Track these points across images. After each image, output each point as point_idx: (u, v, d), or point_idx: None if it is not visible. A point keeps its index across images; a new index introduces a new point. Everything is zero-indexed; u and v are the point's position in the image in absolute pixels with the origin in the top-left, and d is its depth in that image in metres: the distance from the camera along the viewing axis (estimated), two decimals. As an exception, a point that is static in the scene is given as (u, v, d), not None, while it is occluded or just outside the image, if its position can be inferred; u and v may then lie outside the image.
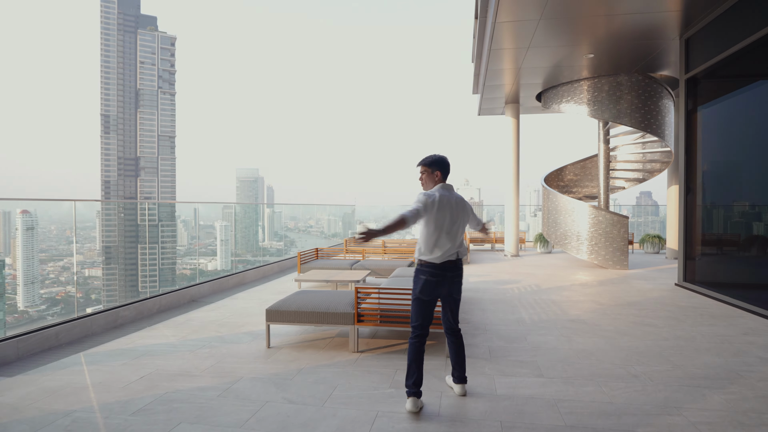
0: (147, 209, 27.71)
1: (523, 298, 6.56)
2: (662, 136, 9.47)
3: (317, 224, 22.67)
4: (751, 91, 6.23)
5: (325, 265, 7.39)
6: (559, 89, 10.30)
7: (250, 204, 42.09)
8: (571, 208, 10.05)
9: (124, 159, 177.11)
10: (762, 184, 5.98)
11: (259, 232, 14.71)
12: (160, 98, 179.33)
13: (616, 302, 6.24)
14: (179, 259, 31.60)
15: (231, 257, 15.38)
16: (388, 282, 5.16)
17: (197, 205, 11.69)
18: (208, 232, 21.34)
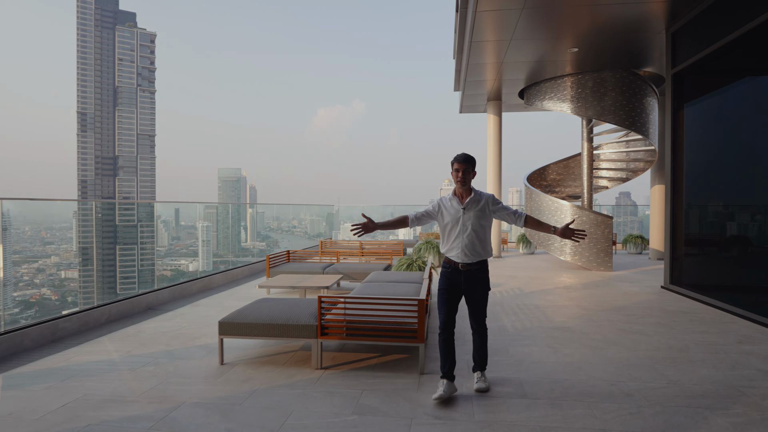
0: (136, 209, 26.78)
1: (506, 303, 6.19)
2: (646, 134, 9.24)
3: (300, 224, 22.41)
4: (738, 87, 5.97)
5: (296, 269, 6.92)
6: (542, 86, 10.01)
7: (233, 204, 41.32)
8: (555, 208, 9.76)
9: (101, 158, 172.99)
10: (749, 184, 5.73)
11: (242, 232, 14.59)
12: (139, 96, 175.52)
13: (603, 307, 5.92)
14: (159, 260, 30.96)
15: (213, 258, 14.82)
16: (358, 289, 4.73)
17: (178, 206, 11.24)
18: (190, 233, 20.96)
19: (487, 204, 3.19)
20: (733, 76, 6.02)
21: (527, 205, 10.78)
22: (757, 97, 5.57)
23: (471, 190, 3.20)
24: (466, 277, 3.18)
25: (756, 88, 5.64)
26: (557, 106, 9.73)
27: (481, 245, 3.19)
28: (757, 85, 5.65)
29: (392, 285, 5.02)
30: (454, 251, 3.19)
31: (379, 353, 4.01)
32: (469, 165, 3.15)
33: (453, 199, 3.22)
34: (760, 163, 5.50)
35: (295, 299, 4.27)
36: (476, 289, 3.20)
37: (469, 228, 3.14)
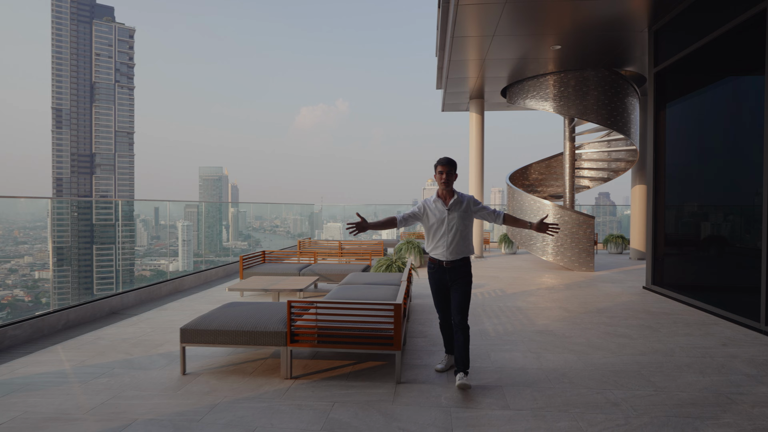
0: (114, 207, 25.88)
1: (487, 305, 6.03)
2: (628, 134, 9.20)
3: (283, 224, 22.23)
4: (720, 87, 5.91)
5: (272, 270, 6.64)
6: (525, 84, 9.91)
7: (214, 203, 40.61)
8: (537, 207, 9.67)
9: (78, 155, 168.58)
10: (729, 185, 5.68)
11: (223, 231, 14.34)
12: (117, 92, 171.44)
13: (585, 309, 5.80)
14: (138, 260, 30.32)
15: (193, 258, 14.54)
16: (332, 292, 4.49)
17: (158, 204, 10.77)
18: (170, 232, 20.71)
19: (469, 205, 3.39)
20: (715, 75, 5.96)
21: (509, 204, 10.68)
22: (738, 97, 5.51)
23: (453, 191, 3.39)
24: (450, 273, 3.36)
25: (737, 88, 5.59)
26: (540, 104, 9.63)
27: (464, 244, 3.38)
28: (737, 85, 5.59)
29: (369, 287, 4.80)
30: (438, 250, 3.37)
31: (354, 360, 3.79)
32: (452, 167, 3.37)
33: (437, 201, 3.40)
34: (741, 163, 5.44)
35: (265, 303, 4.01)
36: (459, 283, 3.36)
37: (454, 228, 3.33)
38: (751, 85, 5.28)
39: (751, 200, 5.25)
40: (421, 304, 6.01)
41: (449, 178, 3.33)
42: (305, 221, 20.69)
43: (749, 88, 5.32)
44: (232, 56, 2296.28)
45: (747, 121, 5.28)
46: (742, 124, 5.37)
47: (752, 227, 5.22)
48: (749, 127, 5.22)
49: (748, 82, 5.35)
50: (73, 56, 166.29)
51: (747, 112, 5.29)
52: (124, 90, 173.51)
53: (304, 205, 19.91)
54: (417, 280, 7.73)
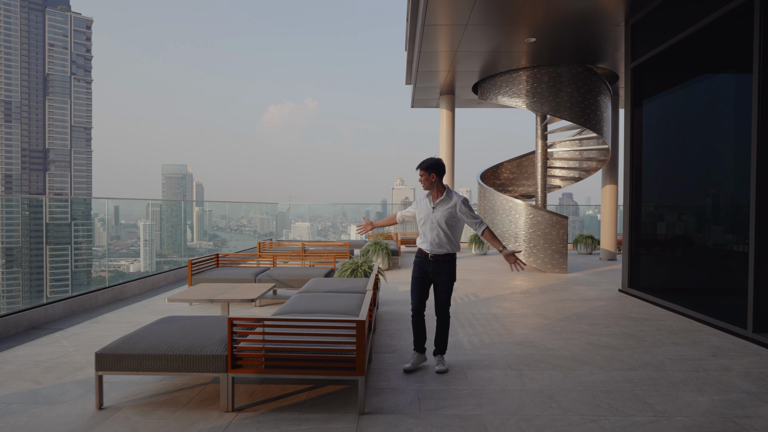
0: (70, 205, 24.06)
1: (460, 312, 5.59)
2: (600, 132, 9.00)
3: (250, 223, 21.62)
4: (696, 84, 5.69)
5: (225, 276, 5.99)
6: (497, 79, 9.57)
7: (178, 201, 38.90)
8: (509, 207, 9.35)
9: (29, 151, 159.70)
10: (707, 184, 5.46)
11: (188, 231, 13.98)
12: (73, 85, 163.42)
13: (564, 315, 5.44)
14: (97, 260, 29.12)
15: (156, 258, 14.10)
16: (286, 305, 3.92)
17: (118, 203, 10.15)
18: (131, 232, 19.86)
19: (456, 206, 3.50)
20: (695, 71, 5.72)
21: (480, 204, 10.34)
22: (720, 93, 5.28)
23: (443, 190, 3.55)
24: (434, 266, 3.54)
25: (719, 84, 5.36)
26: (512, 101, 9.32)
27: (448, 240, 3.52)
28: (720, 80, 5.36)
29: (331, 296, 4.25)
30: (425, 244, 3.58)
31: (311, 385, 3.24)
32: (428, 170, 3.53)
33: (427, 198, 3.63)
34: (719, 163, 5.21)
35: (207, 318, 3.41)
36: (442, 277, 3.54)
37: (437, 225, 3.50)
38: (734, 81, 5.04)
39: (731, 200, 5.02)
40: (390, 312, 5.51)
41: (426, 180, 3.54)
42: (272, 220, 19.95)
43: (732, 84, 5.08)
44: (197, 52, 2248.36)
45: (729, 119, 5.04)
46: (724, 121, 5.14)
47: (736, 228, 4.98)
48: (731, 125, 4.97)
49: (731, 77, 5.12)
50: (24, 46, 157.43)
51: (730, 109, 5.05)
52: (80, 83, 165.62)
53: (268, 204, 19.16)
54: (385, 285, 7.23)
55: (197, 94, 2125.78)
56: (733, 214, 5.06)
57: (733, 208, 5.07)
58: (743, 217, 4.61)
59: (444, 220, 3.46)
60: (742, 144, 4.64)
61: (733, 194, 5.01)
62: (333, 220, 24.73)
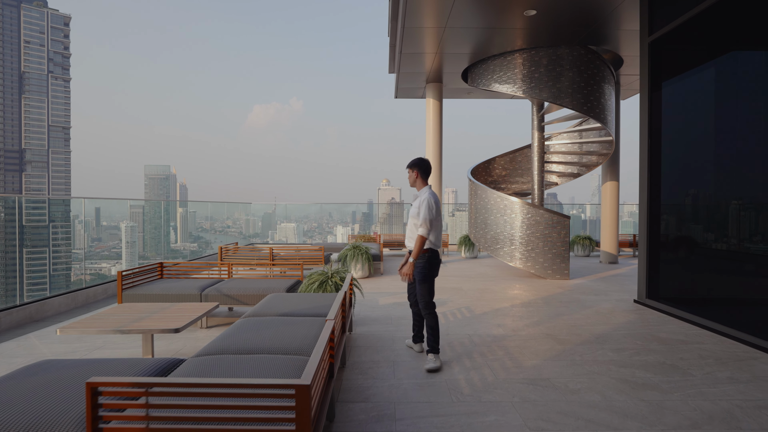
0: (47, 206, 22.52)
1: (454, 333, 4.56)
2: (605, 122, 8.08)
3: (235, 224, 21.01)
4: (730, 61, 4.76)
5: (165, 290, 4.86)
6: (490, 64, 8.58)
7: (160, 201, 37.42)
8: (503, 206, 8.37)
9: (4, 151, 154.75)
10: (739, 178, 4.53)
11: (171, 233, 13.81)
12: (51, 84, 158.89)
13: (579, 336, 4.45)
14: (77, 263, 28.22)
15: (138, 260, 13.69)
16: (223, 337, 2.83)
17: (99, 204, 10.02)
18: (113, 234, 18.99)
19: (420, 202, 3.61)
20: (725, 46, 4.79)
21: (471, 203, 9.34)
22: (753, 72, 4.34)
23: (421, 188, 3.72)
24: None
25: (752, 62, 4.42)
26: (507, 87, 8.33)
27: (412, 236, 3.67)
28: (753, 58, 4.43)
29: (285, 323, 3.19)
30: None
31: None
32: (411, 167, 3.75)
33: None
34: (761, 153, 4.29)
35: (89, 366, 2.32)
36: (416, 274, 3.66)
37: (410, 219, 3.74)
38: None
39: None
40: (367, 335, 4.46)
41: (410, 177, 3.77)
42: (258, 221, 19.52)
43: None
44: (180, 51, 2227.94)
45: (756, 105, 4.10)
46: (765, 105, 4.20)
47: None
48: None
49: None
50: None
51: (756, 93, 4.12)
52: (58, 81, 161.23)
53: (259, 205, 18.39)
54: (362, 300, 6.17)
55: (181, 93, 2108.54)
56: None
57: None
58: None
59: (412, 215, 3.69)
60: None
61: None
62: (319, 221, 24.22)
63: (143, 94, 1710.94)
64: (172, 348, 4.08)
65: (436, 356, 3.55)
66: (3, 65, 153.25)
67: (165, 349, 4.06)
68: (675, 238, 5.62)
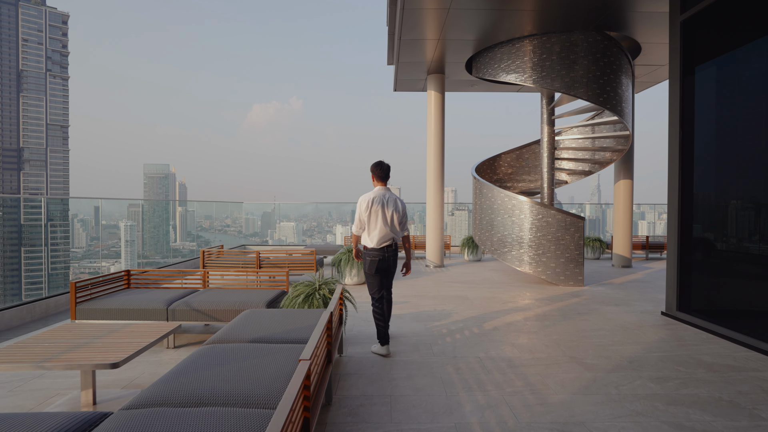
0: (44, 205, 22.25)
1: (461, 355, 3.90)
2: (622, 114, 7.41)
3: (235, 223, 20.89)
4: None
5: (127, 303, 4.19)
6: (497, 51, 7.91)
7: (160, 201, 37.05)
8: (511, 206, 7.71)
9: (2, 150, 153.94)
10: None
11: (171, 232, 13.85)
12: (49, 82, 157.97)
13: (609, 359, 3.78)
14: (76, 262, 28.22)
15: (138, 259, 13.64)
16: (168, 378, 2.16)
17: (97, 203, 10.28)
18: (112, 233, 19.12)
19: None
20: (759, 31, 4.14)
21: (476, 203, 8.68)
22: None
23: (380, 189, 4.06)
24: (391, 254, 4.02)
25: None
26: (515, 77, 7.66)
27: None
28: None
29: (255, 353, 2.52)
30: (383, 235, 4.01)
31: None
32: (372, 172, 4.08)
33: None
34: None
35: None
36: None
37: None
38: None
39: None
40: (360, 359, 3.80)
41: (373, 180, 4.11)
42: (257, 220, 19.45)
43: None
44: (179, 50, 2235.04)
45: None
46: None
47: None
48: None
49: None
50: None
51: None
52: (56, 80, 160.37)
53: (258, 204, 18.11)
54: (355, 314, 5.48)
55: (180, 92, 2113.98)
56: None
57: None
58: None
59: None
60: None
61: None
62: (318, 220, 23.90)
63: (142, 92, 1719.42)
64: (124, 377, 3.42)
65: (378, 346, 3.93)
66: (1, 64, 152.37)
67: (116, 378, 3.40)
68: (710, 243, 4.96)
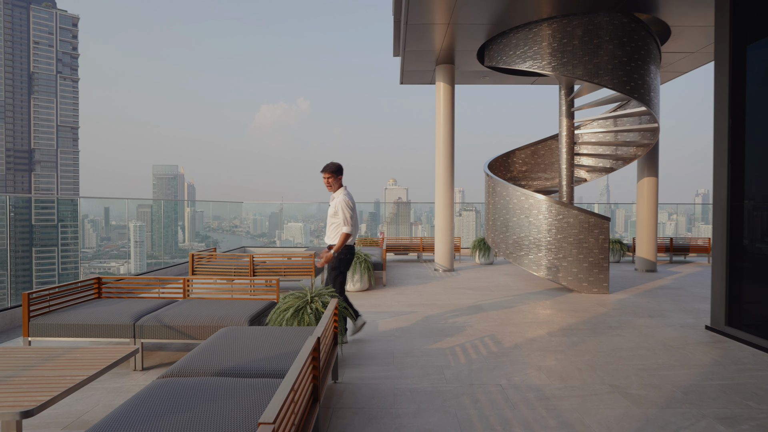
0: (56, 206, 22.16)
1: (479, 380, 3.27)
2: (650, 104, 6.74)
3: (243, 224, 20.98)
4: None
5: (92, 317, 3.61)
6: (511, 37, 7.26)
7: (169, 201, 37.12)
8: (528, 205, 7.06)
9: (14, 151, 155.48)
10: None
11: (179, 232, 14.05)
12: (59, 84, 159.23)
13: (660, 392, 3.13)
14: (86, 262, 28.54)
15: (147, 259, 13.84)
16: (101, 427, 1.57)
17: (108, 204, 10.34)
18: (121, 233, 19.24)
19: (337, 203, 4.20)
20: None
21: (489, 202, 8.03)
22: None
23: (338, 188, 4.31)
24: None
25: None
26: (532, 64, 7.01)
27: (333, 230, 4.29)
28: None
29: (216, 395, 1.92)
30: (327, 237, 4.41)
31: None
32: (330, 174, 4.27)
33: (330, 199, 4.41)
34: None
35: None
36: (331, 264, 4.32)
37: (328, 219, 4.35)
38: None
39: None
40: (359, 387, 3.18)
41: (328, 182, 4.28)
42: (265, 221, 19.69)
43: None
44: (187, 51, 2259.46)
45: None
46: None
47: None
48: None
49: None
50: (8, 44, 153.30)
51: None
52: (66, 82, 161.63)
53: (265, 204, 17.90)
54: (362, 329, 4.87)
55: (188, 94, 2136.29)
56: None
57: None
58: None
59: (330, 214, 4.28)
60: None
61: None
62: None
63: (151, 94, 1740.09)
64: (72, 410, 2.83)
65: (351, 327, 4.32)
66: (13, 66, 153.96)
67: (61, 412, 2.81)
68: (765, 249, 4.29)
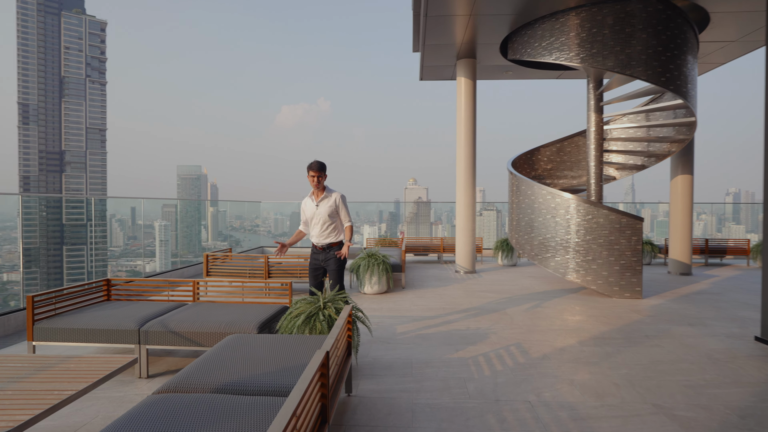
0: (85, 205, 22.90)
1: (504, 396, 2.99)
2: (687, 97, 6.31)
3: (264, 223, 21.20)
4: None
5: (98, 322, 3.47)
6: (537, 28, 6.91)
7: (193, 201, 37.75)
8: (555, 205, 6.70)
9: (46, 153, 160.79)
10: None
11: (202, 231, 14.41)
12: (88, 87, 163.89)
13: (711, 413, 2.79)
14: (114, 260, 29.31)
15: (171, 258, 14.32)
16: None
17: (134, 203, 10.76)
18: (147, 232, 19.69)
19: (335, 201, 4.22)
20: None
21: (513, 201, 7.69)
22: None
23: (324, 189, 4.21)
24: (323, 255, 4.23)
25: None
26: (559, 56, 6.65)
27: (332, 231, 4.23)
28: None
29: (213, 418, 1.71)
30: (314, 237, 4.25)
31: None
32: (322, 172, 4.14)
33: (310, 198, 4.29)
34: None
35: None
36: (331, 263, 4.20)
37: (321, 219, 4.20)
38: None
39: None
40: (374, 401, 2.94)
41: (319, 181, 4.13)
42: (286, 220, 19.99)
43: None
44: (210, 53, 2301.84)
45: None
46: None
47: None
48: None
49: None
50: (41, 49, 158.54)
51: None
52: (95, 85, 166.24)
53: (286, 203, 17.94)
54: (368, 337, 4.64)
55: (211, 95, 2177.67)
56: None
57: None
58: None
59: (327, 214, 4.17)
60: None
61: None
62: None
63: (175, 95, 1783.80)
64: (70, 422, 2.67)
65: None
66: (45, 71, 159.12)
67: (59, 423, 2.65)
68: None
